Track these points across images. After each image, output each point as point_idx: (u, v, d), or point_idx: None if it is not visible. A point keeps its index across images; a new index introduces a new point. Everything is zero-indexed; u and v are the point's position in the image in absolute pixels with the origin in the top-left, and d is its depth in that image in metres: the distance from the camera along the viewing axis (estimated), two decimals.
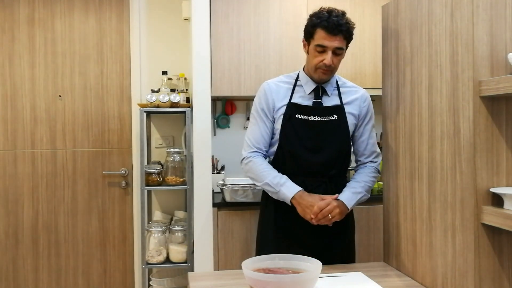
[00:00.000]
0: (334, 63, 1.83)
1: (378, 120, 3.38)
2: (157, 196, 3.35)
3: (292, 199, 1.80)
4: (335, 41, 1.79)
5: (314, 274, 1.36)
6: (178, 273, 3.16)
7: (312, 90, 1.91)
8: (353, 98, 1.96)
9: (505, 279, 1.25)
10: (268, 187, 1.85)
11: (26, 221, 3.27)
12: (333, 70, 1.86)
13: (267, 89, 1.95)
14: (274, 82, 1.97)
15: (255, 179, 1.91)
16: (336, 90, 1.95)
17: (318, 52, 1.82)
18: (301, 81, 1.94)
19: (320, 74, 1.86)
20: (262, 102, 1.94)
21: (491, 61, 1.22)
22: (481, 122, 1.22)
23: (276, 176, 1.85)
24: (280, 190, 1.82)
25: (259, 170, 1.88)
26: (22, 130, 3.27)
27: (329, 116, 1.88)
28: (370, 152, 2.02)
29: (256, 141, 1.93)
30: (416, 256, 1.55)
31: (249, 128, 1.98)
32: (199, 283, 1.59)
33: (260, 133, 1.93)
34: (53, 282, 3.30)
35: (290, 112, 1.88)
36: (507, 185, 1.25)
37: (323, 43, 1.79)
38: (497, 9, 1.22)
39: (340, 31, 1.79)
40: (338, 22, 1.77)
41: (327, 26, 1.77)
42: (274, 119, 1.93)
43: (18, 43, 3.26)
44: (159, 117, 3.34)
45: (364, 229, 2.80)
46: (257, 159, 1.91)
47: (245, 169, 1.95)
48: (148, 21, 3.34)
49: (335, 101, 1.92)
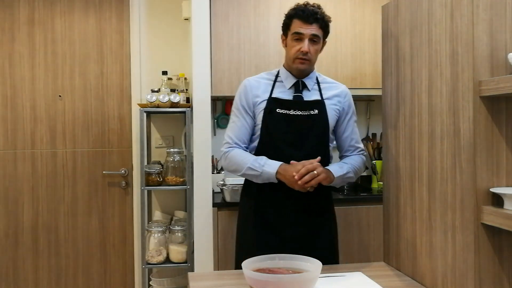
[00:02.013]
0: (311, 51, 1.87)
1: (378, 120, 3.39)
2: (157, 196, 3.35)
3: (277, 175, 1.81)
4: (311, 28, 1.85)
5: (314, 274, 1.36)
6: (178, 273, 3.16)
7: (293, 85, 1.93)
8: (334, 94, 1.98)
9: (505, 279, 1.25)
10: (251, 171, 1.85)
11: (26, 221, 3.27)
12: (310, 59, 1.89)
13: (248, 85, 1.97)
14: (255, 79, 2.00)
15: (237, 169, 1.90)
16: (317, 85, 1.97)
17: (295, 40, 1.87)
18: (282, 76, 1.97)
19: (298, 64, 1.89)
20: (242, 98, 1.96)
21: (491, 61, 1.22)
22: (481, 122, 1.22)
23: (255, 159, 1.86)
24: (263, 170, 1.82)
25: (238, 159, 1.89)
26: (22, 130, 3.27)
27: (309, 111, 1.89)
28: (354, 148, 2.03)
29: (236, 137, 1.94)
30: (416, 256, 1.55)
31: (229, 125, 2.00)
32: (199, 283, 1.59)
33: (240, 129, 1.95)
34: (53, 282, 3.30)
35: (270, 106, 1.89)
36: (507, 185, 1.25)
37: (299, 30, 1.85)
38: (497, 9, 1.22)
39: (316, 19, 1.85)
40: (313, 11, 1.85)
41: (302, 15, 1.85)
42: (255, 114, 1.94)
43: (18, 43, 3.26)
44: (159, 117, 3.34)
45: (364, 229, 2.80)
46: (235, 150, 1.93)
47: (225, 164, 1.96)
48: (148, 21, 3.34)
49: (315, 95, 1.94)
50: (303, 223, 1.90)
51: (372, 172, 3.29)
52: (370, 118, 3.42)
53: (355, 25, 3.04)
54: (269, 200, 1.90)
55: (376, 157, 3.27)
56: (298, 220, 1.88)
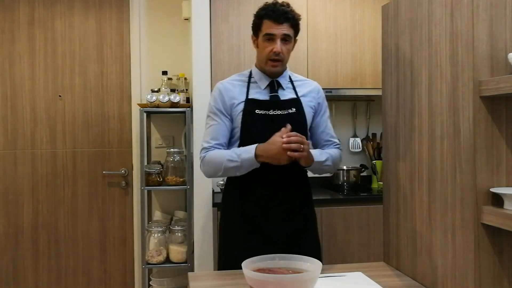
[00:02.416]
0: (283, 51, 1.85)
1: (378, 120, 3.39)
2: (157, 196, 3.35)
3: (257, 158, 1.77)
4: (282, 28, 1.83)
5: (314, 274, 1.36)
6: (178, 273, 3.16)
7: (268, 85, 1.93)
8: (308, 91, 1.98)
9: (505, 279, 1.25)
10: (231, 164, 1.80)
11: (26, 221, 3.27)
12: (283, 60, 1.88)
13: (222, 88, 1.93)
14: (228, 81, 1.97)
15: (216, 169, 1.85)
16: (290, 84, 1.97)
17: (267, 41, 1.85)
18: (255, 77, 1.95)
19: (270, 66, 1.88)
20: (218, 101, 1.91)
21: (491, 61, 1.22)
22: (481, 122, 1.22)
23: (230, 151, 1.82)
24: (241, 159, 1.78)
25: (214, 159, 1.84)
26: (22, 130, 3.27)
27: (287, 109, 1.89)
28: (331, 142, 2.03)
29: (214, 139, 1.89)
30: (416, 256, 1.55)
31: (206, 130, 1.93)
32: (199, 283, 1.59)
33: (218, 131, 1.89)
34: (53, 282, 3.30)
35: (249, 108, 1.87)
36: (507, 185, 1.25)
37: (271, 31, 1.83)
38: (497, 9, 1.22)
39: (287, 19, 1.83)
40: (284, 10, 1.83)
41: (273, 15, 1.82)
42: (232, 117, 1.91)
43: (18, 43, 3.26)
44: (159, 117, 3.34)
45: (364, 229, 2.80)
46: (209, 152, 1.87)
47: (204, 169, 1.89)
48: (148, 21, 3.34)
49: (291, 94, 1.94)
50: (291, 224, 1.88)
51: (372, 172, 3.29)
52: (370, 118, 3.42)
53: (355, 25, 3.04)
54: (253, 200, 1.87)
55: (376, 157, 3.27)
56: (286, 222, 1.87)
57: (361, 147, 3.38)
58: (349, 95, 3.14)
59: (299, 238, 1.90)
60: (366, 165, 3.31)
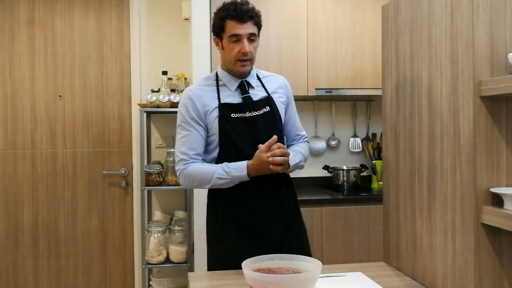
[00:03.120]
0: (251, 51, 1.84)
1: (378, 120, 3.39)
2: (157, 196, 3.35)
3: (249, 175, 1.78)
4: (247, 27, 1.80)
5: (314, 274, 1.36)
6: (178, 273, 3.16)
7: (238, 86, 1.90)
8: (277, 86, 1.97)
9: (505, 279, 1.25)
10: (220, 181, 1.79)
11: (26, 221, 3.27)
12: (251, 59, 1.86)
13: (192, 95, 1.86)
14: (196, 87, 1.91)
15: (201, 183, 1.83)
16: (259, 82, 1.96)
17: (233, 42, 1.82)
18: (223, 80, 1.91)
19: (240, 67, 1.85)
20: (189, 110, 1.85)
21: (491, 61, 1.22)
22: (481, 122, 1.22)
23: (219, 167, 1.80)
24: (232, 176, 1.78)
25: (200, 173, 1.81)
26: (22, 130, 3.27)
27: (262, 109, 1.88)
28: (300, 136, 2.05)
29: (192, 149, 1.84)
30: (416, 256, 1.55)
31: (180, 140, 1.87)
32: (199, 283, 1.59)
33: (194, 141, 1.84)
34: (53, 282, 3.30)
35: (224, 113, 1.84)
36: (507, 185, 1.25)
37: (236, 31, 1.80)
38: (497, 9, 1.22)
39: (250, 17, 1.81)
40: (246, 9, 1.80)
41: (235, 15, 1.79)
42: (207, 125, 1.86)
43: (18, 43, 3.26)
44: (159, 117, 3.34)
45: (364, 229, 2.80)
46: (192, 165, 1.83)
47: (185, 182, 1.85)
48: (148, 21, 3.34)
49: (262, 92, 1.93)
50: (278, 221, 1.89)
51: (372, 172, 3.29)
52: (370, 118, 3.42)
53: (355, 25, 3.04)
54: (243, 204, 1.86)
55: (376, 157, 3.27)
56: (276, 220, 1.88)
57: (361, 147, 3.38)
58: (349, 95, 3.14)
59: (288, 235, 1.91)
60: (366, 165, 3.31)
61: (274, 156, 1.72)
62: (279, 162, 1.72)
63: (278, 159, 1.72)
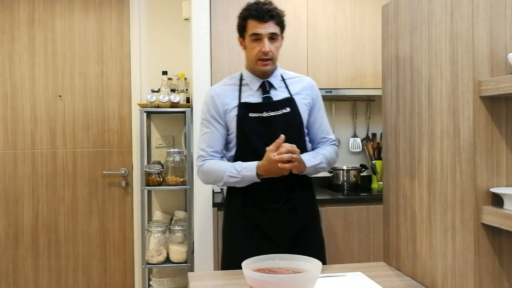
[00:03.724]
0: (272, 50, 1.84)
1: (378, 120, 3.39)
2: (157, 196, 3.35)
3: (258, 176, 1.79)
4: (268, 27, 1.82)
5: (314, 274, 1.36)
6: (178, 273, 3.16)
7: (259, 86, 1.91)
8: (301, 88, 1.96)
9: (505, 279, 1.25)
10: (232, 179, 1.82)
11: (26, 221, 3.27)
12: (273, 58, 1.87)
13: (214, 94, 1.91)
14: (219, 86, 1.95)
15: (216, 180, 1.87)
16: (283, 82, 1.95)
17: (254, 42, 1.84)
18: (246, 80, 1.93)
19: (261, 66, 1.86)
20: (211, 108, 1.90)
21: (491, 61, 1.22)
22: (481, 122, 1.22)
23: (231, 165, 1.83)
24: (243, 175, 1.80)
25: (214, 170, 1.85)
26: (22, 130, 3.27)
27: (281, 110, 1.87)
28: (326, 139, 2.02)
29: (210, 147, 1.89)
30: (416, 256, 1.55)
31: (201, 137, 1.93)
32: (199, 283, 1.59)
33: (213, 139, 1.89)
34: (53, 282, 3.30)
35: (243, 112, 1.86)
36: (507, 185, 1.25)
37: (257, 31, 1.82)
38: (497, 9, 1.22)
39: (271, 17, 1.82)
40: (267, 9, 1.81)
41: (257, 15, 1.81)
42: (226, 123, 1.90)
43: (18, 43, 3.26)
44: (159, 117, 3.34)
45: (364, 229, 2.80)
46: (208, 162, 1.87)
47: (202, 178, 1.90)
48: (148, 21, 3.34)
49: (284, 93, 1.92)
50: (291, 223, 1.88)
51: (372, 172, 3.29)
52: (370, 118, 3.42)
53: (355, 25, 3.04)
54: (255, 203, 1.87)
55: (376, 157, 3.27)
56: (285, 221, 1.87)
57: (361, 147, 3.38)
58: (349, 95, 3.14)
59: (302, 239, 1.90)
60: (366, 165, 3.31)
61: (281, 154, 1.72)
62: (287, 159, 1.72)
63: (285, 156, 1.71)
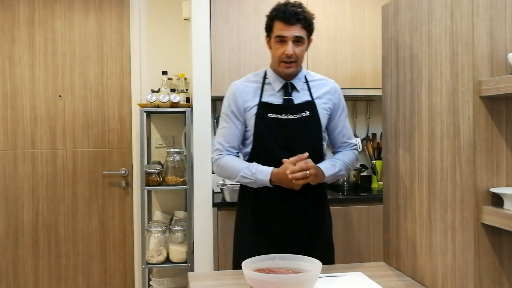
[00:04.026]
0: (296, 53, 1.84)
1: (378, 120, 3.39)
2: (157, 196, 3.35)
3: (271, 182, 1.82)
4: (293, 30, 1.81)
5: (314, 274, 1.36)
6: (178, 273, 3.16)
7: (282, 87, 1.91)
8: (324, 92, 1.95)
9: (505, 279, 1.25)
10: (245, 179, 1.85)
11: (26, 221, 3.27)
12: (296, 61, 1.86)
13: (236, 90, 1.93)
14: (242, 83, 1.96)
15: (230, 177, 1.92)
16: (306, 85, 1.94)
17: (279, 43, 1.84)
18: (269, 78, 1.94)
19: (284, 68, 1.86)
20: (231, 103, 1.93)
21: (491, 61, 1.22)
22: (481, 122, 1.22)
23: (247, 166, 1.85)
24: (256, 178, 1.83)
25: (230, 167, 1.89)
26: (22, 130, 3.27)
27: (301, 113, 1.87)
28: (347, 144, 2.02)
29: (227, 143, 1.93)
30: (416, 256, 1.55)
31: (219, 131, 1.97)
32: (199, 283, 1.59)
33: (231, 134, 1.92)
34: (53, 282, 3.30)
35: (262, 112, 1.87)
36: (507, 185, 1.25)
37: (282, 33, 1.82)
38: (497, 9, 1.22)
39: (298, 20, 1.81)
40: (294, 11, 1.80)
41: (283, 17, 1.81)
42: (245, 120, 1.92)
43: (18, 43, 3.26)
44: (159, 117, 3.34)
45: (364, 229, 2.80)
46: (226, 157, 1.92)
47: (217, 171, 1.95)
48: (148, 21, 3.34)
49: (305, 96, 1.92)
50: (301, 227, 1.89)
51: (372, 172, 3.29)
52: (370, 118, 3.42)
53: (355, 25, 3.04)
54: (265, 204, 1.90)
55: (376, 157, 3.27)
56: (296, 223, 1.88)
57: (361, 147, 3.37)
58: (349, 95, 3.13)
59: (310, 242, 1.90)
60: (366, 165, 3.31)
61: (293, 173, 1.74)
62: (299, 177, 1.74)
63: (297, 175, 1.74)
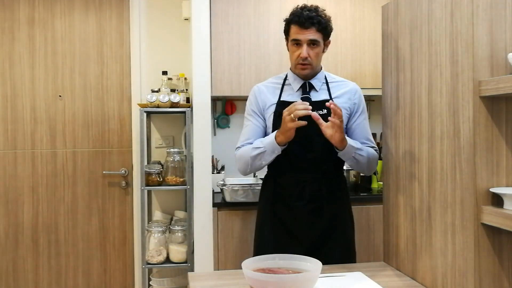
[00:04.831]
0: (311, 56, 1.88)
1: (378, 120, 3.38)
2: (157, 196, 3.35)
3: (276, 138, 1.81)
4: (308, 33, 1.85)
5: (314, 274, 1.36)
6: (178, 273, 3.16)
7: (300, 87, 1.95)
8: (343, 92, 1.98)
9: (505, 279, 1.25)
10: (256, 151, 1.87)
11: (26, 221, 3.27)
12: (312, 64, 1.89)
13: (257, 90, 2.02)
14: (263, 84, 2.05)
15: (246, 162, 1.92)
16: (325, 85, 1.98)
17: (295, 46, 1.90)
18: (289, 79, 1.99)
19: (300, 69, 1.91)
20: (252, 103, 2.01)
21: (491, 61, 1.22)
22: (481, 122, 1.22)
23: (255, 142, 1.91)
24: (265, 143, 1.86)
25: (244, 151, 1.94)
26: (22, 130, 3.27)
27: (318, 111, 1.87)
28: (367, 144, 2.01)
29: (246, 139, 1.98)
30: (416, 256, 1.55)
31: (243, 130, 2.03)
32: (199, 283, 1.59)
33: (251, 130, 1.98)
34: (53, 282, 3.30)
35: (280, 110, 1.89)
36: (507, 185, 1.25)
37: (297, 37, 1.87)
38: (497, 9, 1.22)
39: (312, 24, 1.85)
40: (309, 16, 1.85)
41: (298, 21, 1.86)
42: (265, 118, 1.98)
43: (18, 43, 3.26)
44: (159, 117, 3.34)
45: (364, 229, 2.80)
46: (240, 149, 1.97)
47: (237, 165, 2.00)
48: (148, 21, 3.34)
49: (324, 95, 1.95)
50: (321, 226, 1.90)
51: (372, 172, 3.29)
52: (370, 118, 3.42)
53: (355, 25, 3.04)
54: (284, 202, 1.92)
55: None
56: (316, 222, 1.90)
57: None
58: None
59: (327, 239, 1.91)
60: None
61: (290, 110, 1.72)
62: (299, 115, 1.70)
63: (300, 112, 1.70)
